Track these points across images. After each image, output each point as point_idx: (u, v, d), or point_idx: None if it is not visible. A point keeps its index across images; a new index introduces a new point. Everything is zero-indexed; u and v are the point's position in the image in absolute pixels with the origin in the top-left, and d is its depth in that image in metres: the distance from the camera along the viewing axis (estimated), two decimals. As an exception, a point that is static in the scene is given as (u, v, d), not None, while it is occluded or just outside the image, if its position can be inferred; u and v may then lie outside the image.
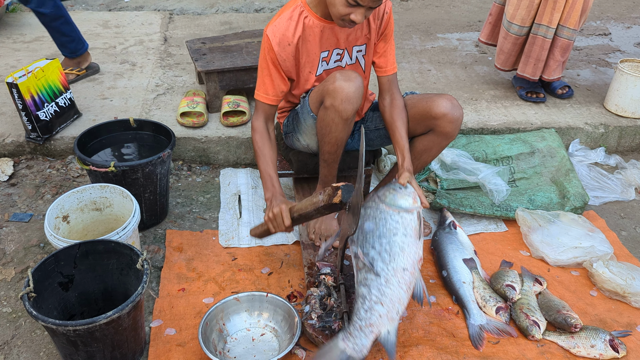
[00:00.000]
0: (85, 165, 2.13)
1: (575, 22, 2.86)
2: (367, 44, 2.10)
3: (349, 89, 1.90)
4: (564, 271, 2.22)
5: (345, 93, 1.90)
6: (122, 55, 3.53)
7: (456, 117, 2.05)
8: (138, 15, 4.28)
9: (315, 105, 2.05)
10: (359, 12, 1.80)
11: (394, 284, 1.62)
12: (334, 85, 1.92)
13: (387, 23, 2.09)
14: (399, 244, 1.65)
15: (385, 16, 2.07)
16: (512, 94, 3.25)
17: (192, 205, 2.52)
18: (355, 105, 1.95)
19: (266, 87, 2.02)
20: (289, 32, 1.95)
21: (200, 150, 2.75)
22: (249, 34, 3.21)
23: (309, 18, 1.97)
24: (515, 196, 2.53)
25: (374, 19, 2.06)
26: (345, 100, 1.91)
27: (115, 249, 1.78)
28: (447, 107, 2.03)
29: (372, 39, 2.09)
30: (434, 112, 2.04)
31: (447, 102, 2.03)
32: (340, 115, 1.94)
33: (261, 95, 2.04)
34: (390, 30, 2.12)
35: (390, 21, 2.10)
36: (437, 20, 4.44)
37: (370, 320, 1.60)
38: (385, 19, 2.07)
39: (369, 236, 1.67)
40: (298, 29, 1.96)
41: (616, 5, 5.00)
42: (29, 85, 2.47)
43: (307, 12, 1.96)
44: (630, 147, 3.10)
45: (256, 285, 2.06)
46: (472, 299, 2.00)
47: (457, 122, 2.06)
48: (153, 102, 2.99)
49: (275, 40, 1.94)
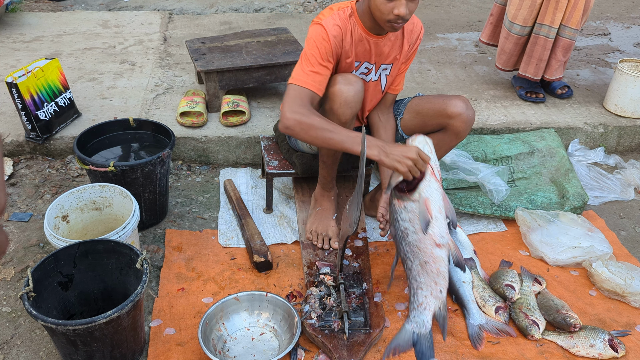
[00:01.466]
0: (84, 165, 2.13)
1: (577, 22, 2.86)
2: (394, 64, 2.14)
3: (348, 92, 1.90)
4: (563, 271, 2.22)
5: (345, 97, 1.90)
6: (122, 55, 3.53)
7: (470, 117, 2.10)
8: (138, 15, 4.28)
9: (316, 107, 2.05)
10: (400, 4, 1.79)
11: (424, 275, 1.79)
12: (333, 88, 1.92)
13: (416, 49, 2.16)
14: (414, 244, 1.77)
15: (418, 42, 2.13)
16: (511, 94, 3.25)
17: (192, 204, 2.52)
18: (354, 110, 1.94)
19: (319, 77, 1.90)
20: (343, 29, 1.95)
21: (200, 150, 2.75)
22: (249, 34, 3.21)
23: (355, 25, 1.98)
24: (515, 196, 2.54)
25: (408, 42, 2.11)
26: (344, 104, 1.91)
27: (114, 249, 1.78)
28: (462, 107, 2.08)
29: (400, 60, 2.14)
30: (449, 111, 2.09)
31: (462, 102, 2.09)
32: (339, 119, 1.94)
33: (310, 83, 1.88)
34: (414, 54, 2.18)
35: (418, 46, 2.17)
36: (436, 20, 4.44)
37: (419, 302, 1.81)
38: (417, 44, 2.14)
39: (396, 242, 1.86)
40: (348, 29, 1.97)
41: (616, 6, 5.00)
42: (28, 85, 2.47)
43: (355, 19, 1.98)
44: (629, 147, 3.11)
45: (255, 285, 2.06)
46: (471, 298, 2.00)
47: (470, 123, 2.12)
48: (153, 101, 2.99)
49: (332, 32, 1.91)
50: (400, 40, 2.09)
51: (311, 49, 1.92)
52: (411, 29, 2.11)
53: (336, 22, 1.94)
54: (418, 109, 2.23)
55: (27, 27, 3.91)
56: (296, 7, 4.73)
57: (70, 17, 4.17)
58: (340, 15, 1.96)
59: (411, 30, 2.10)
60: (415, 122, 2.25)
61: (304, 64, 1.92)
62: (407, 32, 2.10)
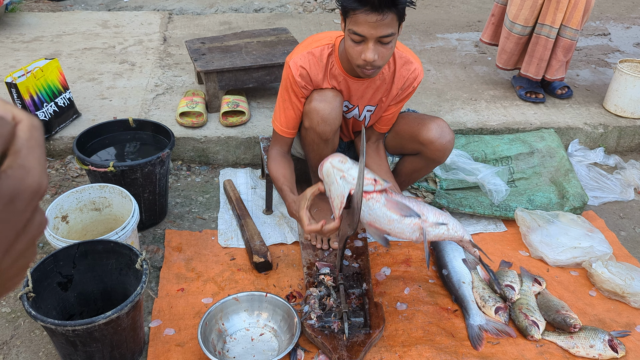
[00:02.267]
0: (84, 165, 2.12)
1: (578, 22, 2.86)
2: (379, 105, 2.07)
3: (324, 110, 1.88)
4: (563, 271, 2.22)
5: (321, 115, 1.89)
6: (122, 55, 3.53)
7: (444, 144, 2.01)
8: (137, 15, 4.28)
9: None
10: (367, 49, 1.70)
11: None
12: (309, 106, 1.91)
13: (408, 95, 2.04)
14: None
15: (411, 89, 2.01)
16: (511, 94, 3.25)
17: (192, 205, 2.52)
18: (333, 126, 1.92)
19: (288, 120, 1.98)
20: (312, 72, 1.90)
21: (200, 150, 2.75)
22: (249, 34, 3.20)
23: (335, 67, 1.92)
24: (515, 196, 2.54)
25: (398, 87, 2.00)
26: (322, 122, 1.90)
27: (114, 249, 1.77)
28: (435, 134, 1.99)
29: (387, 103, 2.06)
30: (421, 137, 2.03)
31: (437, 128, 2.00)
32: (320, 136, 1.94)
33: (280, 128, 2.01)
34: (407, 99, 2.06)
35: (413, 92, 2.04)
36: (436, 21, 4.44)
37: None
38: (409, 91, 2.02)
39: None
40: (321, 74, 1.91)
41: (615, 6, 5.00)
42: (28, 85, 2.47)
43: (335, 59, 1.91)
44: (629, 147, 3.10)
45: (255, 285, 2.06)
46: (471, 299, 2.00)
47: (445, 149, 2.04)
48: (152, 102, 2.98)
49: (298, 73, 1.90)
50: (388, 84, 1.99)
51: (282, 89, 1.98)
52: (405, 77, 1.98)
53: (304, 63, 1.90)
54: (397, 129, 2.16)
55: (27, 27, 3.91)
56: (296, 7, 4.73)
57: (69, 17, 4.16)
58: (313, 56, 1.90)
59: (404, 78, 1.98)
60: (394, 143, 2.22)
61: (279, 103, 2.02)
62: (398, 78, 1.98)
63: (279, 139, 2.05)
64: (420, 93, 3.21)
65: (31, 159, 0.41)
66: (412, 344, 1.84)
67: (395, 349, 1.82)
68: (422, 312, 1.98)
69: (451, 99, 3.17)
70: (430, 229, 1.66)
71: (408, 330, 1.90)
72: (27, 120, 0.42)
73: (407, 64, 1.98)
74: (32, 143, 0.41)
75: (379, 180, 1.64)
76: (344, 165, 1.68)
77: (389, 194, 1.66)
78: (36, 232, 0.42)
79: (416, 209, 1.66)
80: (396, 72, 1.97)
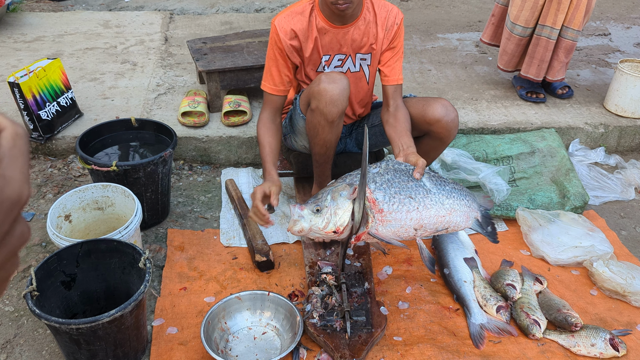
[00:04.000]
0: (87, 164, 2.13)
1: (579, 23, 2.87)
2: (372, 54, 2.11)
3: (332, 91, 1.90)
4: (565, 270, 2.23)
5: (330, 95, 1.90)
6: (123, 55, 3.54)
7: (450, 122, 2.05)
8: (139, 15, 4.29)
9: (304, 107, 2.07)
10: None
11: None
12: (318, 87, 1.92)
13: (395, 34, 2.09)
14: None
15: (395, 27, 2.08)
16: (512, 94, 3.26)
17: (194, 204, 2.52)
18: (340, 108, 1.94)
19: (273, 77, 2.06)
20: (297, 26, 1.99)
21: (202, 149, 2.76)
22: (250, 34, 3.21)
23: (317, 19, 2.00)
24: (516, 196, 2.54)
25: (383, 29, 2.06)
26: (330, 102, 1.91)
27: (117, 248, 1.78)
28: (440, 112, 2.03)
29: (378, 48, 2.10)
30: (427, 117, 2.06)
31: (441, 107, 2.04)
32: (326, 117, 1.95)
33: (268, 86, 2.08)
34: (399, 42, 2.11)
35: (400, 33, 2.10)
36: (437, 21, 4.45)
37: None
38: (395, 30, 2.08)
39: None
40: (305, 25, 1.99)
41: (616, 6, 5.00)
42: (30, 85, 2.47)
43: (317, 13, 1.99)
44: (630, 147, 3.11)
45: (257, 284, 2.07)
46: (472, 297, 2.00)
47: (452, 127, 2.06)
48: (154, 101, 2.99)
49: (283, 31, 1.99)
50: (372, 27, 2.06)
51: (268, 50, 2.06)
52: (385, 16, 2.07)
53: (287, 21, 2.00)
54: None
55: (28, 27, 3.92)
56: (297, 7, 4.74)
57: (71, 17, 4.17)
58: (296, 13, 2.00)
59: (385, 18, 2.07)
60: None
61: (266, 64, 2.09)
62: (381, 19, 2.07)
63: (268, 101, 2.10)
64: (421, 93, 3.21)
65: (13, 168, 0.40)
66: (414, 342, 1.85)
67: (397, 348, 1.82)
68: (423, 311, 1.98)
69: (452, 98, 3.18)
70: (428, 235, 1.76)
71: (410, 329, 1.90)
72: (11, 128, 0.41)
73: (385, 6, 2.09)
74: (14, 152, 0.40)
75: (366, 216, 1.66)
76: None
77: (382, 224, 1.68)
78: (17, 243, 0.41)
79: (414, 222, 1.69)
80: (377, 15, 2.07)
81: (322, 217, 1.64)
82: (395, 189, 1.67)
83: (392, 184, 1.68)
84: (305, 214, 1.66)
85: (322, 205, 1.66)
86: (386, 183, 1.68)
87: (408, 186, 1.69)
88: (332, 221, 1.63)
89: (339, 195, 1.66)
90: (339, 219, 1.64)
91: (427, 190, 1.70)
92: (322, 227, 1.64)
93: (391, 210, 1.65)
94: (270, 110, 2.10)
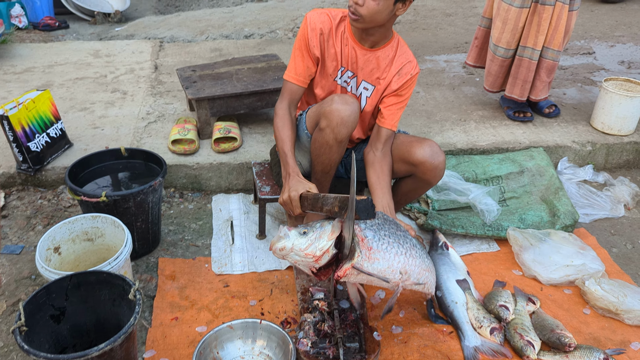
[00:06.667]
0: (76, 195, 2.13)
1: (559, 44, 2.92)
2: (376, 88, 2.15)
3: (345, 112, 1.95)
4: (557, 290, 2.23)
5: (341, 116, 1.95)
6: (113, 84, 3.56)
7: (435, 165, 2.09)
8: (129, 43, 4.32)
9: (311, 124, 2.10)
10: None
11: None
12: (330, 107, 1.96)
13: (406, 83, 2.14)
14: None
15: (408, 77, 2.13)
16: (500, 114, 3.29)
17: (185, 232, 2.52)
18: (350, 129, 1.99)
19: (297, 66, 2.12)
20: (325, 26, 2.06)
21: (192, 177, 2.76)
22: (239, 61, 3.24)
23: (345, 30, 2.07)
24: (506, 215, 2.55)
25: (395, 71, 2.12)
26: (341, 123, 1.96)
27: (107, 280, 1.77)
28: (426, 154, 2.08)
29: (382, 86, 2.14)
30: (413, 158, 2.10)
31: (428, 149, 2.08)
32: (335, 137, 1.99)
33: (290, 75, 2.14)
34: (407, 93, 2.16)
35: (411, 84, 2.15)
36: (424, 43, 4.51)
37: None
38: (407, 78, 2.13)
39: None
40: (333, 28, 2.07)
41: (599, 25, 5.10)
42: (19, 117, 2.48)
43: (347, 25, 2.08)
44: (617, 164, 3.14)
45: (249, 312, 2.05)
46: (466, 320, 2.00)
47: (437, 170, 2.11)
48: (144, 130, 3.00)
49: (311, 26, 2.06)
50: (388, 64, 2.12)
51: (296, 40, 2.13)
52: (402, 62, 2.12)
53: (318, 19, 2.07)
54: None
55: (19, 59, 3.94)
56: (285, 32, 4.80)
57: (61, 47, 4.20)
58: (328, 15, 2.08)
59: (402, 63, 2.12)
60: None
61: (292, 53, 2.14)
62: (398, 62, 2.12)
63: (287, 90, 2.14)
64: (410, 115, 3.24)
65: None
66: (408, 367, 1.83)
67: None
68: (417, 335, 1.97)
69: (441, 120, 3.21)
70: (409, 286, 1.80)
71: (404, 354, 1.89)
72: None
73: (406, 54, 2.15)
74: None
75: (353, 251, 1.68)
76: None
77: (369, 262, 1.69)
78: None
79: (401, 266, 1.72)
80: (396, 57, 2.12)
81: (307, 239, 1.67)
82: (384, 232, 1.74)
83: (381, 228, 1.75)
84: (292, 234, 1.69)
85: (310, 229, 1.69)
86: (376, 225, 1.74)
87: (397, 234, 1.77)
88: (315, 244, 1.66)
89: (328, 222, 1.70)
90: (321, 243, 1.65)
91: (412, 242, 1.79)
92: (304, 248, 1.66)
93: (380, 249, 1.69)
94: (288, 100, 2.14)
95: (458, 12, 5.45)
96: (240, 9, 5.59)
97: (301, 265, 1.72)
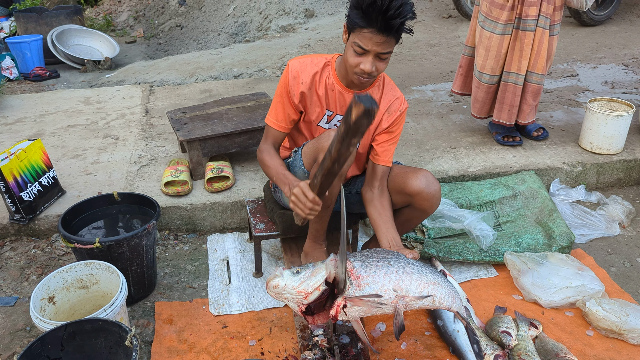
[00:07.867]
0: (70, 243, 2.11)
1: (543, 67, 2.98)
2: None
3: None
4: (558, 312, 2.21)
5: None
6: (105, 130, 3.58)
7: (431, 194, 2.09)
8: (119, 89, 4.37)
9: (308, 160, 2.10)
10: (367, 61, 1.88)
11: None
12: (329, 142, 1.96)
13: (396, 120, 2.15)
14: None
15: (398, 113, 2.15)
16: (489, 140, 3.32)
17: (181, 274, 2.50)
18: (349, 164, 2.00)
19: (277, 113, 2.14)
20: (306, 74, 2.07)
21: (186, 218, 2.75)
22: (229, 101, 3.28)
23: (330, 75, 2.08)
24: (502, 240, 2.55)
25: (384, 109, 2.13)
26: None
27: (103, 327, 1.74)
28: (421, 184, 2.08)
29: (373, 125, 2.15)
30: (409, 189, 2.11)
31: (423, 179, 2.09)
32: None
33: (271, 120, 2.16)
34: (397, 129, 2.17)
35: (401, 120, 2.17)
36: (410, 74, 4.58)
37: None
38: (396, 115, 2.15)
39: None
40: (315, 77, 2.07)
41: (581, 48, 5.21)
42: (11, 167, 2.48)
43: (331, 70, 2.08)
44: (609, 183, 3.16)
45: (249, 352, 2.02)
46: (468, 349, 1.97)
47: (433, 199, 2.11)
48: (137, 173, 3.00)
49: (292, 74, 2.07)
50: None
51: (278, 86, 2.14)
52: (390, 100, 2.13)
53: (299, 66, 2.07)
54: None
55: (10, 110, 3.97)
56: (274, 70, 4.87)
57: (52, 96, 4.24)
58: (311, 62, 2.08)
59: (389, 101, 2.13)
60: None
61: (273, 99, 2.17)
62: (385, 101, 2.12)
63: (270, 134, 2.17)
64: (401, 145, 3.27)
65: None
66: (413, 401, 1.80)
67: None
68: (420, 367, 1.94)
69: (431, 148, 3.23)
70: (412, 302, 1.71)
71: (408, 387, 1.86)
72: None
73: (392, 90, 2.16)
74: None
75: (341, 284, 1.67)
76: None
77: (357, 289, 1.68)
78: None
79: (393, 284, 1.68)
80: (383, 95, 2.14)
81: (299, 277, 1.69)
82: (373, 259, 1.73)
83: (370, 256, 1.74)
84: (286, 273, 1.71)
85: (303, 268, 1.71)
86: (365, 255, 1.75)
87: (388, 257, 1.75)
88: (307, 282, 1.67)
89: (320, 262, 1.72)
90: (313, 280, 1.66)
91: (408, 261, 1.75)
92: (296, 285, 1.67)
93: (368, 275, 1.68)
94: (271, 143, 2.17)
95: (442, 43, 5.55)
96: (228, 50, 5.69)
97: (291, 303, 1.71)
